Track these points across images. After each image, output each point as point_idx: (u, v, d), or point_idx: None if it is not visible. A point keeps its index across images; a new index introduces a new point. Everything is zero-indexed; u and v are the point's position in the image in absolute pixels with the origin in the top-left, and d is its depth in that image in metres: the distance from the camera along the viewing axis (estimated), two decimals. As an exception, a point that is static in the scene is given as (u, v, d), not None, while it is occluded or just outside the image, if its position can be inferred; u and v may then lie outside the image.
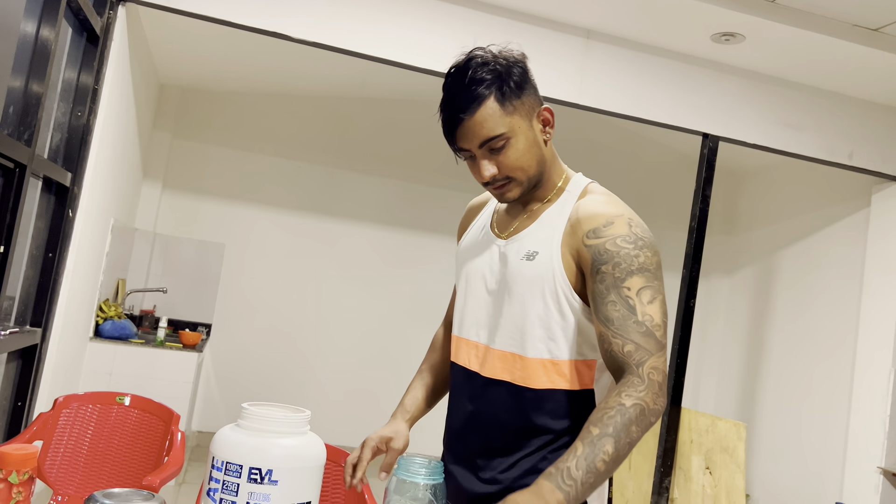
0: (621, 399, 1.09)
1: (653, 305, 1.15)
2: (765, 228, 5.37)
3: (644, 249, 1.17)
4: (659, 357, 1.13)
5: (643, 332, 1.13)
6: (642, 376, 1.11)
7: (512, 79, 1.20)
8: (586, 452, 1.05)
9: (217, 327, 5.09)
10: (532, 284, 1.22)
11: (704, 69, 3.72)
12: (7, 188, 2.37)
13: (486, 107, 1.18)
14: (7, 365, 2.83)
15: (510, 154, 1.21)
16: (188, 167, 5.09)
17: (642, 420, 1.09)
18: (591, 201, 1.24)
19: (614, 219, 1.19)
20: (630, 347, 1.13)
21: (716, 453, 3.33)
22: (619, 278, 1.15)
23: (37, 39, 2.49)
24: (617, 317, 1.14)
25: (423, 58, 3.35)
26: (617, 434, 1.06)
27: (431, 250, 5.47)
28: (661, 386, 1.13)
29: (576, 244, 1.20)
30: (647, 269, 1.16)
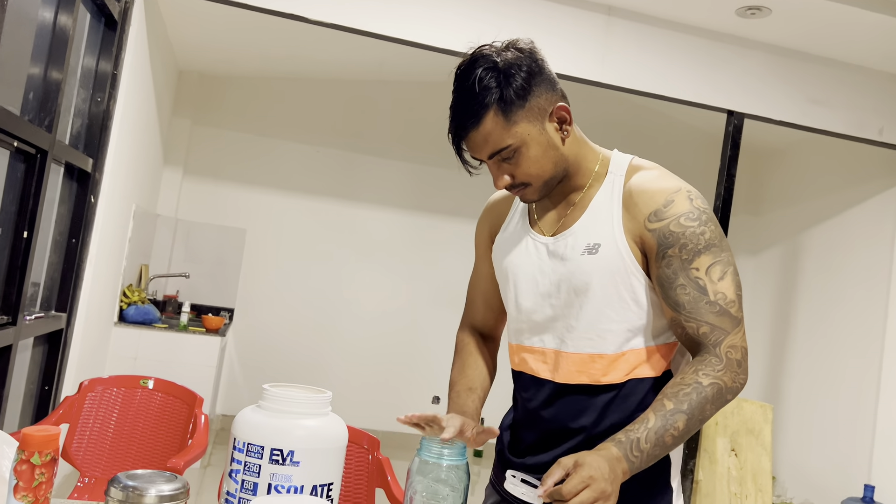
0: (698, 377, 1.08)
1: (724, 281, 1.12)
2: (790, 208, 5.27)
3: (708, 223, 1.13)
4: (736, 334, 1.11)
5: (717, 312, 1.10)
6: (720, 356, 1.09)
7: (513, 86, 1.11)
8: (657, 426, 1.04)
9: (239, 312, 5.12)
10: (602, 279, 1.15)
11: (729, 45, 3.63)
12: (29, 174, 2.38)
13: (488, 120, 1.11)
14: (34, 350, 2.87)
15: (522, 163, 1.15)
16: (208, 153, 5.10)
17: (718, 399, 1.08)
18: (643, 179, 1.18)
19: (673, 195, 1.14)
20: (705, 329, 1.11)
21: (741, 435, 3.29)
22: (686, 260, 1.11)
23: (55, 26, 2.49)
24: (687, 300, 1.11)
25: (443, 37, 3.31)
26: (691, 411, 1.06)
27: (451, 233, 5.45)
28: (741, 363, 1.10)
29: (637, 229, 1.14)
30: (714, 243, 1.12)
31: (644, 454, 1.03)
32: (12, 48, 2.24)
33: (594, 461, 0.99)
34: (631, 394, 1.16)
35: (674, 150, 5.60)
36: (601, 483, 0.97)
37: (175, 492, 0.96)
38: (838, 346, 4.52)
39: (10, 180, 2.34)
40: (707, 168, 5.12)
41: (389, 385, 5.30)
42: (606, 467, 0.99)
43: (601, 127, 5.62)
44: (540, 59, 1.16)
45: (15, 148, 2.24)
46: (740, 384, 1.10)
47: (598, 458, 1.00)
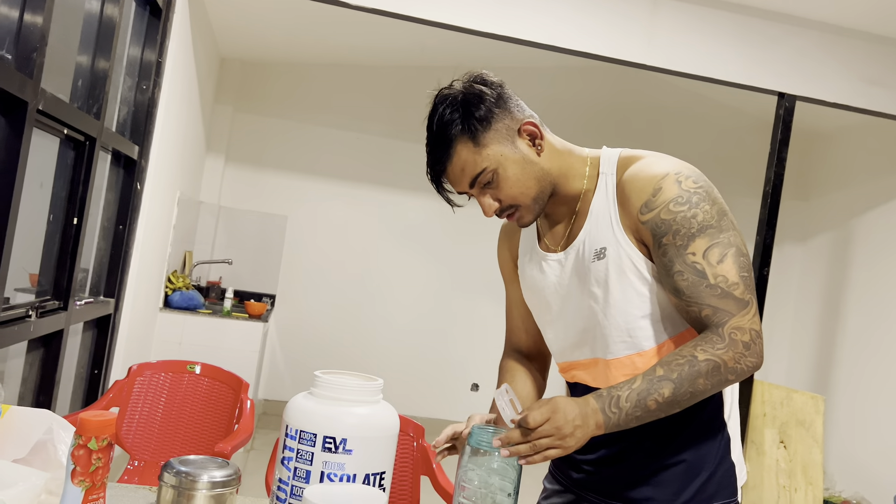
0: (695, 352, 1.06)
1: (724, 264, 1.08)
2: (841, 193, 5.11)
3: (700, 204, 1.09)
4: (743, 316, 1.07)
5: (718, 295, 1.07)
6: (723, 335, 1.06)
7: (475, 114, 1.13)
8: (641, 388, 1.04)
9: (281, 298, 5.17)
10: (616, 281, 1.14)
11: (781, 24, 3.51)
12: (78, 161, 2.41)
13: (458, 150, 1.14)
14: (83, 334, 2.93)
15: (503, 185, 1.15)
16: (250, 140, 5.14)
17: (714, 376, 1.06)
18: (632, 173, 1.15)
19: (661, 182, 1.11)
20: (707, 312, 1.08)
21: (791, 427, 3.20)
22: (681, 246, 1.09)
23: (102, 15, 2.51)
24: (686, 286, 1.09)
25: (484, 21, 3.27)
26: (679, 381, 1.04)
27: (490, 221, 5.38)
28: (749, 346, 1.07)
29: (633, 224, 1.13)
30: (709, 225, 1.09)
31: (622, 412, 1.04)
32: (61, 37, 2.27)
33: (566, 403, 1.03)
34: None
35: (719, 134, 5.46)
36: (562, 420, 1.01)
37: (227, 478, 0.96)
38: (891, 335, 4.38)
39: (60, 167, 2.38)
40: (753, 153, 4.98)
41: (430, 372, 5.31)
42: (576, 411, 1.03)
43: (647, 112, 5.52)
44: (501, 87, 1.18)
45: (65, 135, 2.28)
46: (747, 366, 1.07)
47: (571, 403, 1.04)
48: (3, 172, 1.80)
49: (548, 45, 3.33)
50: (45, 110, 1.95)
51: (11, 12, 1.81)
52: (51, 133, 2.21)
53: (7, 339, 1.98)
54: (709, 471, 1.16)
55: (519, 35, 3.29)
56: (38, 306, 2.23)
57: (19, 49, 1.81)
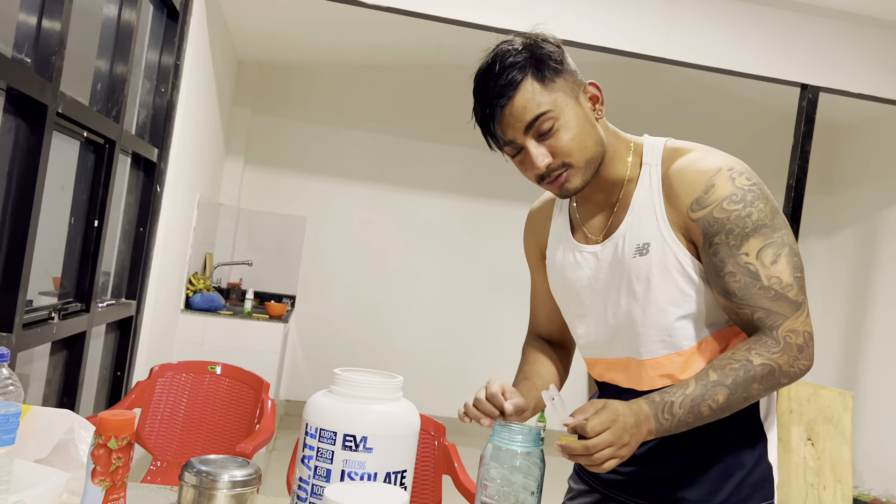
0: (750, 356, 1.03)
1: (778, 264, 1.04)
2: (867, 186, 5.02)
3: (755, 203, 1.05)
4: (797, 318, 1.04)
5: (772, 297, 1.04)
6: (777, 338, 1.03)
7: (545, 57, 1.08)
8: (695, 394, 1.01)
9: (301, 299, 5.18)
10: (659, 279, 1.09)
11: (802, 14, 3.45)
12: (98, 164, 2.43)
13: (524, 88, 1.07)
14: (106, 336, 2.95)
15: (562, 135, 1.07)
16: (268, 142, 5.16)
17: (769, 380, 1.03)
18: (680, 166, 1.10)
19: (713, 179, 1.07)
20: (760, 314, 1.05)
21: (818, 424, 3.15)
22: (734, 246, 1.05)
23: (120, 19, 2.52)
24: (738, 287, 1.05)
25: (500, 17, 3.25)
26: (734, 387, 1.01)
27: (509, 218, 5.37)
28: (803, 349, 1.04)
29: (682, 221, 1.08)
30: (763, 224, 1.05)
31: (675, 419, 1.01)
32: (80, 42, 2.29)
33: (622, 409, 0.99)
34: None
35: (740, 128, 5.39)
36: (620, 430, 0.97)
37: (247, 477, 0.95)
38: (921, 331, 4.29)
39: (80, 170, 2.39)
40: (778, 147, 4.90)
41: (450, 370, 5.29)
42: (632, 419, 0.99)
43: (665, 107, 5.46)
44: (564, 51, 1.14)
45: (85, 138, 2.29)
46: (800, 369, 1.05)
47: (627, 409, 0.99)
48: (24, 175, 1.82)
49: (565, 41, 3.30)
50: (65, 113, 1.96)
51: (30, 18, 1.82)
52: (71, 136, 2.22)
53: (31, 341, 2.00)
54: (744, 472, 1.13)
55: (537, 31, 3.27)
56: (61, 308, 2.25)
57: (38, 53, 1.83)
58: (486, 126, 1.11)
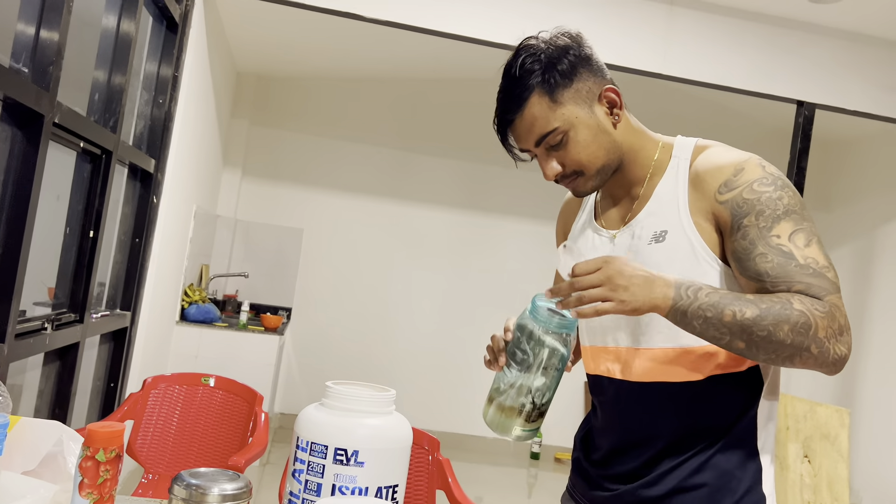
0: (792, 299, 0.96)
1: (811, 248, 0.99)
2: (864, 203, 5.03)
3: (785, 189, 1.03)
4: (839, 297, 0.97)
5: (811, 274, 0.97)
6: (825, 303, 0.96)
7: (558, 68, 1.07)
8: (725, 294, 0.96)
9: (297, 311, 5.17)
10: (671, 267, 1.05)
11: (799, 32, 3.48)
12: (95, 174, 2.43)
13: (532, 103, 1.07)
14: (100, 347, 2.93)
15: (571, 148, 1.08)
16: (266, 154, 5.16)
17: (801, 333, 0.94)
18: (709, 155, 1.09)
19: (743, 164, 1.05)
20: (800, 287, 0.97)
21: (815, 441, 3.13)
22: (764, 227, 1.00)
23: (118, 30, 2.53)
24: (771, 267, 0.98)
25: (498, 32, 3.26)
26: (765, 313, 0.94)
27: (507, 231, 5.39)
28: (843, 331, 0.96)
29: (708, 205, 1.06)
30: (793, 210, 1.01)
31: (696, 302, 0.96)
32: (78, 53, 2.29)
33: (623, 259, 0.98)
34: (713, 392, 1.07)
35: (737, 145, 5.40)
36: (613, 272, 0.96)
37: (238, 491, 0.94)
38: (918, 348, 4.29)
39: (76, 180, 2.39)
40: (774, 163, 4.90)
41: (446, 385, 5.27)
42: (638, 269, 0.97)
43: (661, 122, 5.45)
44: (587, 46, 1.11)
45: (81, 148, 2.29)
46: (835, 352, 0.95)
47: (633, 264, 0.98)
48: (19, 185, 1.81)
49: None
50: (62, 123, 1.96)
51: (28, 28, 1.83)
52: (67, 146, 2.22)
53: (23, 351, 1.99)
54: (733, 499, 1.06)
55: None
56: (54, 319, 2.23)
57: (36, 63, 1.83)
58: (501, 132, 1.14)
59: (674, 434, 1.09)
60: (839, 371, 0.99)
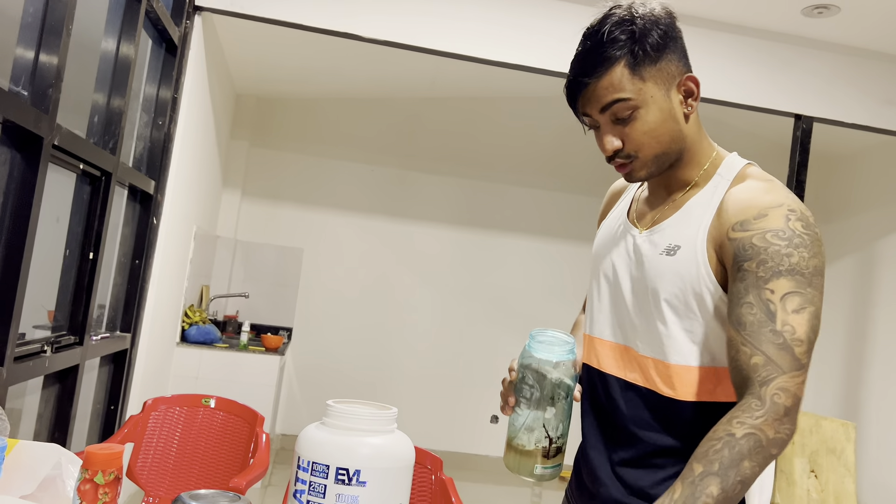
0: (731, 428, 0.93)
1: (799, 316, 0.97)
2: (864, 216, 5.03)
3: (800, 249, 0.98)
4: (792, 378, 0.95)
5: (779, 345, 0.96)
6: (763, 398, 0.94)
7: (648, 41, 1.04)
8: (686, 495, 0.91)
9: (298, 331, 5.15)
10: (672, 282, 1.06)
11: (796, 46, 3.50)
12: (94, 195, 2.43)
13: (613, 72, 1.04)
14: (100, 370, 2.92)
15: (637, 126, 1.05)
16: (265, 174, 5.18)
17: (757, 454, 0.92)
18: (746, 188, 1.06)
19: (769, 210, 1.01)
20: (758, 360, 0.96)
21: (821, 455, 3.11)
22: (762, 278, 0.98)
23: (118, 51, 2.54)
24: (750, 321, 0.97)
25: (494, 50, 3.28)
26: (724, 472, 0.91)
27: (506, 249, 5.38)
28: (790, 411, 0.95)
29: (720, 237, 1.04)
30: (800, 271, 0.97)
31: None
32: (77, 76, 2.30)
33: None
34: (699, 417, 1.06)
35: (736, 158, 5.42)
36: None
37: (238, 513, 0.92)
38: (922, 361, 4.27)
39: (76, 202, 2.39)
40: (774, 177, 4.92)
41: (448, 403, 5.24)
42: None
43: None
44: (678, 27, 1.09)
45: (81, 170, 2.29)
46: (784, 435, 0.95)
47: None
48: (18, 207, 1.81)
49: (561, 73, 3.34)
50: (61, 145, 1.97)
51: (27, 52, 1.84)
52: (67, 168, 2.22)
53: (23, 374, 1.97)
54: None
55: (531, 63, 3.30)
56: (54, 341, 2.22)
57: (35, 86, 1.83)
58: (570, 97, 1.11)
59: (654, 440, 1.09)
60: None
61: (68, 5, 1.87)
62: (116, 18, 2.55)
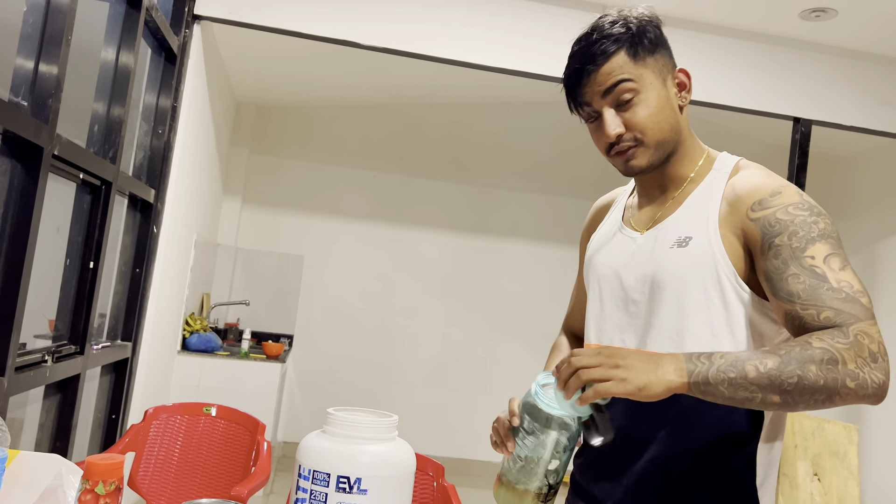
0: (810, 339, 0.91)
1: (846, 272, 0.95)
2: (864, 218, 5.03)
3: (822, 216, 1.01)
4: (871, 325, 0.92)
5: (843, 298, 0.93)
6: (847, 333, 0.90)
7: (646, 36, 1.10)
8: (740, 354, 0.91)
9: (299, 338, 5.15)
10: (688, 274, 1.05)
11: (794, 49, 3.50)
12: (94, 205, 2.43)
13: (615, 59, 1.09)
14: (101, 378, 2.92)
15: (639, 110, 1.08)
16: (266, 181, 5.18)
17: (830, 369, 0.88)
18: (748, 175, 1.08)
19: (781, 188, 1.04)
20: (828, 314, 0.92)
21: (824, 458, 3.10)
22: (797, 248, 0.97)
23: (117, 61, 2.55)
24: (803, 288, 0.95)
25: (493, 56, 3.29)
26: (787, 360, 0.89)
27: (507, 254, 5.38)
28: (876, 357, 0.90)
29: (739, 221, 1.03)
30: (830, 235, 0.99)
31: (713, 366, 0.90)
32: (77, 85, 2.31)
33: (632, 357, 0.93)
34: (711, 409, 1.03)
35: (735, 162, 5.42)
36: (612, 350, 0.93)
37: (240, 522, 0.92)
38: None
39: (76, 212, 2.39)
40: (772, 179, 4.92)
41: (450, 409, 5.23)
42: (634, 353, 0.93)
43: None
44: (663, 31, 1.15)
45: (81, 180, 2.30)
46: (871, 380, 0.88)
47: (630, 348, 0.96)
48: (19, 217, 1.81)
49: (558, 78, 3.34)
50: (61, 155, 1.97)
51: (27, 62, 1.84)
52: (67, 178, 2.23)
53: (24, 384, 1.97)
54: None
55: (530, 69, 3.31)
56: (55, 351, 2.22)
57: (35, 96, 1.84)
58: (571, 88, 1.14)
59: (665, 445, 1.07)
60: (882, 400, 0.92)
61: (68, 16, 1.87)
62: (116, 28, 2.55)
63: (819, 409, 0.93)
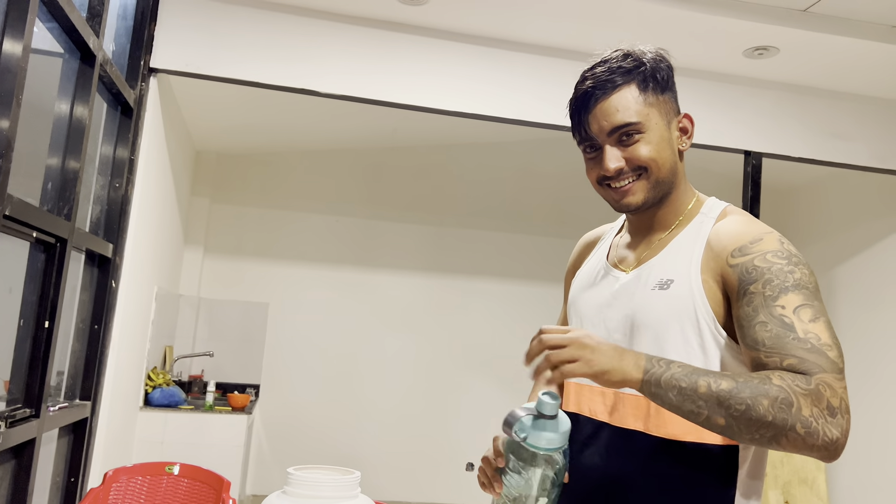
0: (771, 375, 0.91)
1: (816, 324, 0.95)
2: (817, 245, 5.16)
3: (800, 266, 1.01)
4: (836, 379, 0.91)
5: (808, 349, 0.93)
6: (809, 381, 0.90)
7: (658, 74, 1.13)
8: (699, 370, 0.93)
9: (265, 387, 5.06)
10: (668, 317, 1.06)
11: (740, 86, 3.62)
12: (49, 263, 2.38)
13: (625, 91, 1.11)
14: (59, 441, 2.82)
15: (641, 146, 1.10)
16: (228, 230, 5.14)
17: (781, 409, 0.87)
18: (733, 221, 1.10)
19: (763, 235, 1.05)
20: (792, 361, 0.92)
21: (794, 486, 3.12)
22: (770, 296, 0.97)
23: (71, 116, 2.53)
24: (768, 336, 0.95)
25: (451, 100, 3.34)
26: (741, 387, 0.89)
27: (473, 294, 5.39)
28: (835, 411, 0.89)
29: (720, 267, 1.05)
30: (805, 286, 0.98)
31: (670, 372, 0.92)
32: (30, 141, 2.28)
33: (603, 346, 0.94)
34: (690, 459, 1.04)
35: (692, 194, 5.54)
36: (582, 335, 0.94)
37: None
38: (885, 383, 4.34)
39: (30, 271, 2.34)
40: (728, 210, 5.03)
41: (421, 453, 5.16)
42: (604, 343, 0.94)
43: (617, 177, 5.60)
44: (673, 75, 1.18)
45: (35, 238, 2.25)
46: (825, 434, 0.88)
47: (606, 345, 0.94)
48: (-32, 280, 1.77)
49: (520, 121, 3.39)
50: (13, 215, 1.93)
51: (-23, 121, 1.81)
52: (19, 237, 2.18)
53: (-26, 452, 1.90)
54: None
55: (488, 112, 3.36)
56: (8, 416, 2.15)
57: (-15, 156, 1.81)
58: (576, 114, 1.15)
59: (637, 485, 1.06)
60: (835, 458, 0.92)
61: (18, 75, 1.86)
62: (69, 83, 2.54)
63: (767, 447, 0.93)
